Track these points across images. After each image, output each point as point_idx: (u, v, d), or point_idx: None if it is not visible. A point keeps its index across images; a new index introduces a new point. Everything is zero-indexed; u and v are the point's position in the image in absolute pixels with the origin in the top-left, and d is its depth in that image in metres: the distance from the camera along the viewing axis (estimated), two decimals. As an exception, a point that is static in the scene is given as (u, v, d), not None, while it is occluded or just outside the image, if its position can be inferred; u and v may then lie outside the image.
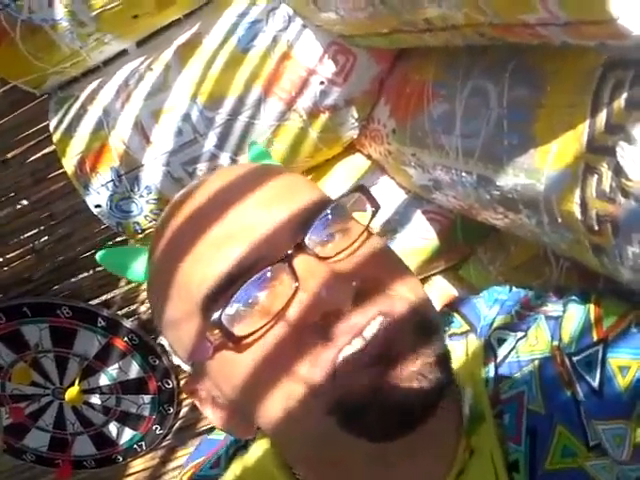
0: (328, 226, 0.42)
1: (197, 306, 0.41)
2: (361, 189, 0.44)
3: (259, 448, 0.53)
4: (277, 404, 0.40)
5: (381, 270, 0.42)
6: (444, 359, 0.40)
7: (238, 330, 0.39)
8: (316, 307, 0.38)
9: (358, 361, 0.37)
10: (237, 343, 0.39)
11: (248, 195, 0.42)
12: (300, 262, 0.39)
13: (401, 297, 0.40)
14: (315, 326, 0.38)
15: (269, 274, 0.39)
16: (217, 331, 0.39)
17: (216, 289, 0.40)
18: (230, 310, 0.39)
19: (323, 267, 0.39)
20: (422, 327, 0.40)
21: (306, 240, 0.39)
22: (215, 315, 0.39)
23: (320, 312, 0.38)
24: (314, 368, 0.38)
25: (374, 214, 0.43)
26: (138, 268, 0.51)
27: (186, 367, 0.47)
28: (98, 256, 0.53)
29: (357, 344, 0.38)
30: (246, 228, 0.40)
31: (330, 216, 0.42)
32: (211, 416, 0.46)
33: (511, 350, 0.47)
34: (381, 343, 0.38)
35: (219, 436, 0.57)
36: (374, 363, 0.37)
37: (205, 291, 0.40)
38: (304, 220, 0.41)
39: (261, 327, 0.39)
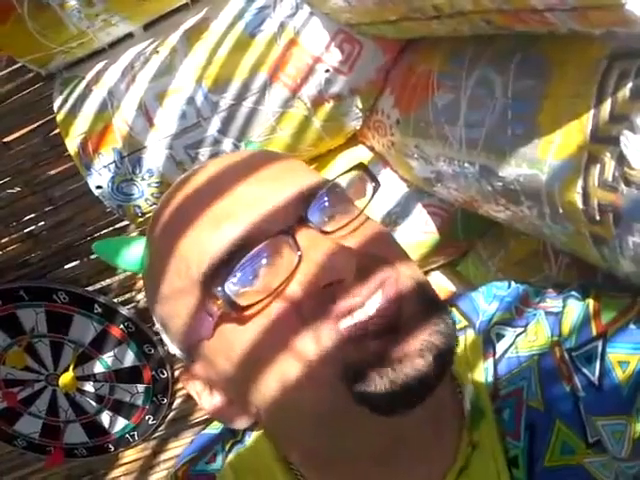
0: (328, 204, 0.42)
1: (196, 283, 0.41)
2: (361, 167, 0.44)
3: (255, 441, 0.52)
4: (279, 376, 0.39)
5: (382, 248, 0.42)
6: (451, 329, 0.40)
7: (241, 302, 0.39)
8: (319, 277, 0.38)
9: (361, 332, 0.38)
10: (241, 313, 0.39)
11: (247, 175, 0.42)
12: (303, 235, 0.39)
13: (403, 273, 0.40)
14: (318, 297, 0.38)
15: (271, 246, 0.39)
16: (220, 302, 0.39)
17: (217, 264, 0.40)
18: (233, 281, 0.39)
19: (326, 239, 0.39)
20: (426, 300, 0.40)
21: (308, 214, 0.40)
22: (218, 287, 0.39)
23: (323, 282, 0.38)
24: (317, 339, 0.38)
25: (375, 191, 0.43)
26: (132, 256, 0.51)
27: (178, 352, 0.46)
28: (94, 246, 0.53)
29: (359, 316, 0.38)
30: (247, 205, 0.40)
31: (330, 194, 0.42)
32: (206, 404, 0.45)
33: (510, 346, 0.47)
34: (383, 315, 0.38)
35: (214, 430, 0.57)
36: (379, 335, 0.37)
37: (205, 267, 0.40)
38: (305, 196, 0.41)
39: (264, 297, 0.39)
